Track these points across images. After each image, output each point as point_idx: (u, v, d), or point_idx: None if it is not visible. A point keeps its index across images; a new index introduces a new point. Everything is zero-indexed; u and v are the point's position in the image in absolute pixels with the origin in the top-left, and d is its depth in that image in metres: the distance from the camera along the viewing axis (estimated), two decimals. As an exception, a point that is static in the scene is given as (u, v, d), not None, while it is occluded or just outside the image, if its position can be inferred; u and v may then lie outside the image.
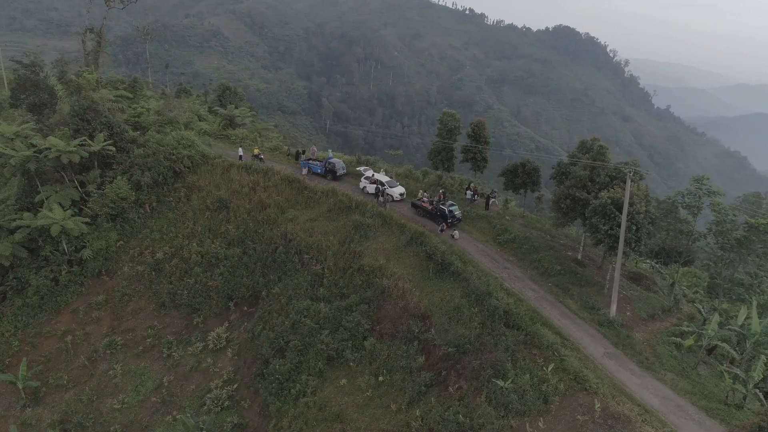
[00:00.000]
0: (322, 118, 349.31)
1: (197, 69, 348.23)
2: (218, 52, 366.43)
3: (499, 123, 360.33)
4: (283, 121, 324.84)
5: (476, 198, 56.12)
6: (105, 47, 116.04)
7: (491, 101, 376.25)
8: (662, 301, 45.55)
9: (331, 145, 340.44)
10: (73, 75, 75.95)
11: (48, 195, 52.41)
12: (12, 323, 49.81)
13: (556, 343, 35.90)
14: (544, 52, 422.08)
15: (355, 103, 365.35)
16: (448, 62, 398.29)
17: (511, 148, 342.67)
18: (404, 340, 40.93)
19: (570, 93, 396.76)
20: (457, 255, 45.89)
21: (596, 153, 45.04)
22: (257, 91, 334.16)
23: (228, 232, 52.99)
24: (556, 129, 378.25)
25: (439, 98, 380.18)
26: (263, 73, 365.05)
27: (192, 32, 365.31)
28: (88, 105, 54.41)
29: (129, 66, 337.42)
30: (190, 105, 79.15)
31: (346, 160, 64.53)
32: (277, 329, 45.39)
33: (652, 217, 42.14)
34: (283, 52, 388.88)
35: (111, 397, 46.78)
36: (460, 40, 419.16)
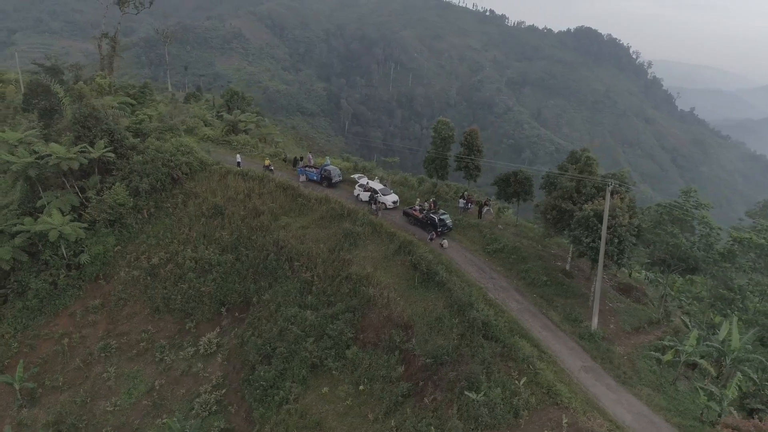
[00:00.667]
0: (340, 119, 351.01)
1: (218, 70, 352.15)
2: (239, 53, 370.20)
3: (519, 125, 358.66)
4: (302, 123, 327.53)
5: (469, 206, 56.17)
6: (119, 52, 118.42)
7: (511, 103, 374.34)
8: (650, 313, 45.13)
9: (350, 146, 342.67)
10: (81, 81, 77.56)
11: (49, 200, 53.81)
12: (12, 325, 51.21)
13: (532, 356, 35.89)
14: (566, 53, 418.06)
15: (374, 105, 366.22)
16: (468, 64, 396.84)
17: (530, 150, 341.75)
18: (386, 349, 41.30)
19: (591, 95, 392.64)
20: (444, 264, 46.05)
21: (583, 164, 44.85)
22: (277, 92, 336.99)
23: (222, 238, 53.86)
24: (577, 131, 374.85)
25: (459, 100, 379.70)
26: (283, 74, 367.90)
27: (213, 34, 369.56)
28: (89, 112, 55.69)
29: (152, 67, 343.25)
30: (196, 110, 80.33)
31: (344, 166, 65.10)
32: (265, 336, 46.09)
33: (636, 230, 41.87)
34: (303, 53, 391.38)
35: (104, 400, 47.91)
36: (480, 41, 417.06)
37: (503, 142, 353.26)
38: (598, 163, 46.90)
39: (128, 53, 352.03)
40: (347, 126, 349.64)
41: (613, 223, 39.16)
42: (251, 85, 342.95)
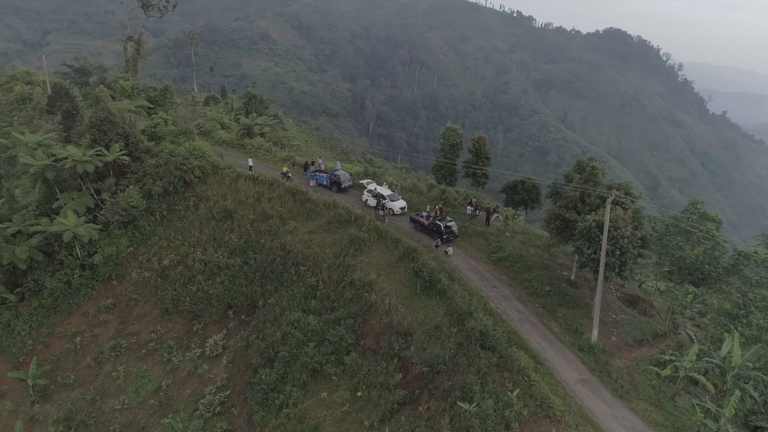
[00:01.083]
0: (365, 120, 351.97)
1: (245, 71, 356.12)
2: (266, 54, 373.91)
3: (545, 128, 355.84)
4: (327, 124, 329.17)
5: (478, 213, 56.07)
6: (144, 54, 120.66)
7: (537, 105, 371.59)
8: (656, 325, 44.63)
9: (374, 147, 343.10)
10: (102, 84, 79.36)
11: (65, 202, 55.22)
12: (27, 323, 52.71)
13: (527, 367, 35.78)
14: (593, 55, 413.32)
15: (399, 106, 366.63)
16: (494, 65, 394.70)
17: (557, 153, 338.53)
18: (385, 356, 41.57)
19: (619, 97, 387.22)
20: (447, 272, 46.10)
21: (588, 174, 44.50)
22: (302, 93, 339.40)
23: (231, 241, 54.71)
24: (604, 134, 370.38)
25: (484, 102, 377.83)
26: (309, 75, 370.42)
27: (241, 35, 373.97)
28: (105, 116, 57.04)
29: (180, 67, 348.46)
30: (213, 113, 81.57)
31: (355, 171, 65.41)
32: (268, 339, 46.74)
33: (640, 242, 41.44)
34: (329, 54, 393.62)
35: (113, 398, 49.05)
36: (507, 43, 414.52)
37: (528, 144, 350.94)
38: (605, 173, 46.53)
39: (157, 53, 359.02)
40: (371, 127, 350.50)
41: (615, 235, 38.81)
42: (277, 86, 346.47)
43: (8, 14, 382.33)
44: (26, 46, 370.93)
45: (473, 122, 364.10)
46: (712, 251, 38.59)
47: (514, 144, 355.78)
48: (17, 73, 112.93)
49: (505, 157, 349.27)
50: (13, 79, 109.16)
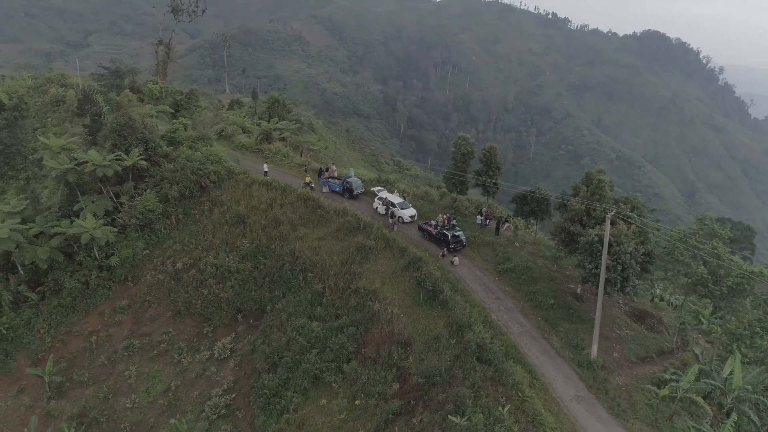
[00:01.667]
0: (396, 122, 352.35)
1: (278, 72, 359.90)
2: (299, 55, 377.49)
3: (578, 131, 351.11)
4: (358, 125, 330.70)
5: (488, 222, 55.88)
6: (174, 57, 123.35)
7: (570, 108, 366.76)
8: (663, 342, 43.89)
9: (404, 149, 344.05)
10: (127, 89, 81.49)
11: (85, 204, 57.01)
12: (47, 321, 54.58)
13: (522, 382, 35.65)
14: (630, 57, 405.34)
15: (430, 108, 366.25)
16: (527, 68, 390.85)
17: (590, 157, 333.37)
18: (384, 365, 41.92)
19: (656, 101, 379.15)
20: (451, 283, 46.15)
21: (594, 187, 44.03)
22: (334, 94, 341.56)
23: (243, 246, 55.69)
24: (639, 138, 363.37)
25: (516, 104, 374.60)
26: (341, 76, 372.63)
27: (275, 36, 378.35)
28: (125, 122, 58.67)
29: (215, 68, 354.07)
30: (235, 118, 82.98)
31: (369, 178, 65.85)
32: (273, 344, 47.51)
33: (646, 257, 40.88)
34: (362, 56, 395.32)
35: (125, 397, 50.53)
36: (541, 45, 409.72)
37: (561, 148, 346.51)
38: (613, 186, 45.91)
39: (193, 54, 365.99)
40: (402, 129, 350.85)
41: (617, 250, 38.40)
42: (309, 87, 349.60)
43: (52, 16, 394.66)
44: (68, 46, 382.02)
45: (505, 125, 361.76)
46: (717, 269, 37.80)
47: (546, 147, 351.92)
48: (53, 76, 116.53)
49: (537, 161, 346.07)
50: (49, 81, 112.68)
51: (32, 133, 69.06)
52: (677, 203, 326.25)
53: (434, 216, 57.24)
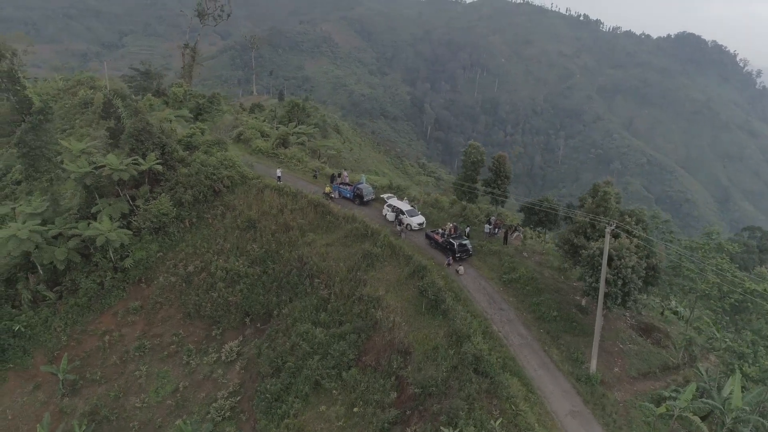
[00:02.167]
0: (423, 124, 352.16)
1: (307, 73, 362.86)
2: (328, 57, 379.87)
3: (608, 134, 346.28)
4: (385, 127, 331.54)
5: (497, 231, 55.70)
6: (199, 61, 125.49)
7: (601, 111, 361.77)
8: (668, 357, 43.23)
9: (431, 151, 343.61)
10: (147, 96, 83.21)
11: (103, 207, 58.53)
12: (63, 320, 56.19)
13: (516, 396, 35.58)
14: (664, 60, 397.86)
15: (458, 110, 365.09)
16: (557, 70, 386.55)
17: (620, 162, 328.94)
18: (383, 373, 42.16)
19: (690, 105, 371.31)
20: (454, 292, 46.20)
21: (600, 199, 43.58)
22: (362, 96, 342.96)
23: (253, 251, 56.53)
24: (671, 143, 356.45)
25: (546, 107, 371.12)
26: (369, 78, 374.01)
27: (304, 38, 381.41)
28: (143, 127, 60.05)
29: (245, 69, 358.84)
30: (254, 122, 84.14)
31: (381, 184, 66.16)
32: (278, 349, 48.19)
33: (651, 271, 40.35)
34: (390, 58, 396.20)
35: (134, 396, 51.73)
36: (572, 47, 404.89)
37: (591, 151, 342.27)
38: (620, 198, 45.34)
39: (224, 56, 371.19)
40: (429, 131, 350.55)
41: (618, 264, 38.02)
42: (337, 89, 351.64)
43: (89, 17, 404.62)
44: (104, 47, 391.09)
45: (533, 128, 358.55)
46: (721, 286, 37.15)
47: (575, 151, 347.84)
48: (83, 78, 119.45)
49: (566, 165, 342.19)
50: (79, 83, 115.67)
51: (56, 136, 70.96)
52: (710, 209, 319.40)
53: (443, 224, 57.31)
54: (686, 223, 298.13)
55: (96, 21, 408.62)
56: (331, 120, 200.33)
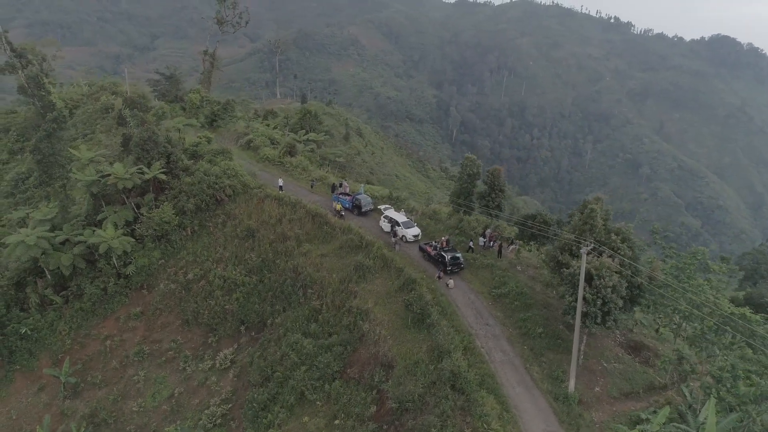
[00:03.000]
0: (448, 126, 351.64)
1: (333, 76, 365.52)
2: (354, 59, 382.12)
3: (638, 139, 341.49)
4: (410, 129, 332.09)
5: (492, 244, 55.59)
6: (220, 66, 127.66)
7: (631, 115, 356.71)
8: (654, 377, 42.70)
9: (456, 154, 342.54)
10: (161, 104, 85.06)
11: (108, 214, 60.24)
12: (68, 324, 58.07)
13: (489, 414, 35.61)
14: (697, 63, 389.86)
15: (484, 113, 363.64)
16: (587, 73, 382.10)
17: (650, 167, 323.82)
18: (366, 386, 42.64)
19: (723, 108, 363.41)
20: (442, 306, 46.33)
21: (586, 216, 43.27)
22: (388, 98, 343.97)
23: (250, 259, 57.55)
24: (704, 148, 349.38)
25: (574, 110, 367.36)
26: (395, 81, 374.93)
27: (331, 41, 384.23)
28: (148, 137, 61.62)
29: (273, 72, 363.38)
30: (264, 129, 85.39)
31: (381, 194, 66.57)
32: (269, 358, 49.07)
33: (636, 290, 40.03)
34: (417, 60, 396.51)
35: (132, 400, 53.23)
36: (602, 50, 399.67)
37: (619, 156, 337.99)
38: (609, 215, 44.87)
39: (253, 58, 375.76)
40: (455, 134, 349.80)
41: (598, 284, 37.80)
42: (363, 91, 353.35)
43: (122, 21, 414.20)
44: (136, 50, 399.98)
45: (561, 131, 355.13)
46: (702, 308, 36.65)
47: (603, 155, 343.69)
48: (106, 83, 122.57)
49: (594, 169, 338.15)
50: (102, 89, 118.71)
51: (68, 144, 73.21)
52: (742, 216, 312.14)
53: (439, 235, 57.48)
54: (718, 230, 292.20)
55: (129, 24, 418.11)
56: (353, 123, 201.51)
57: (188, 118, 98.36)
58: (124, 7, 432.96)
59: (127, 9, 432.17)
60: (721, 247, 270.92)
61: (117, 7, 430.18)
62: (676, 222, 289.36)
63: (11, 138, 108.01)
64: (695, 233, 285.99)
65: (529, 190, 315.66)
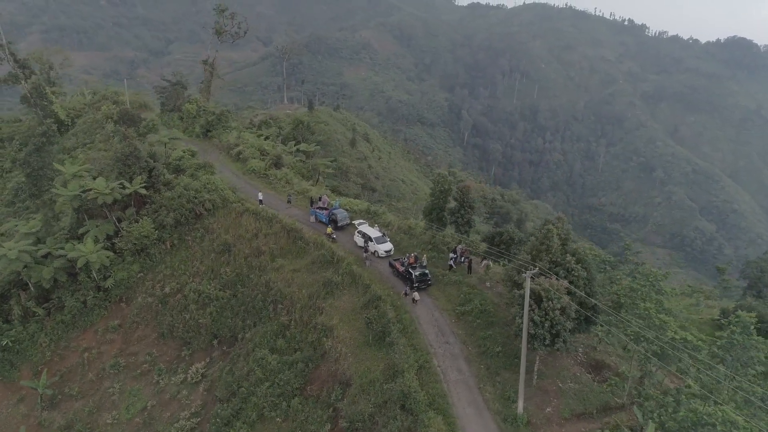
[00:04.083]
0: (460, 130, 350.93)
1: (345, 80, 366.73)
2: (366, 63, 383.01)
3: (651, 142, 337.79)
4: (421, 133, 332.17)
5: (463, 260, 55.81)
6: (218, 76, 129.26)
7: (644, 118, 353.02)
8: (610, 397, 42.66)
9: (468, 158, 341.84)
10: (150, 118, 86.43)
11: (89, 229, 61.52)
12: (49, 336, 59.46)
13: (434, 436, 35.97)
14: (712, 65, 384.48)
15: (496, 117, 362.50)
16: (600, 76, 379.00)
17: (663, 170, 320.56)
18: (323, 404, 43.25)
19: (739, 111, 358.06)
20: (404, 324, 46.64)
21: (542, 237, 43.41)
22: (399, 102, 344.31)
23: (225, 274, 58.46)
24: (718, 151, 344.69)
25: (586, 113, 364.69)
26: (407, 84, 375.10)
27: (343, 45, 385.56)
28: (130, 152, 62.83)
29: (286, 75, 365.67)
30: (254, 140, 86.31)
31: (360, 208, 67.04)
32: (236, 374, 49.86)
33: (590, 311, 40.13)
34: (429, 64, 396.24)
35: (107, 412, 54.36)
36: (615, 52, 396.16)
37: (632, 159, 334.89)
38: (567, 236, 44.86)
39: (265, 62, 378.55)
40: (466, 137, 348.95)
41: (546, 306, 37.97)
42: (375, 95, 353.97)
43: (137, 26, 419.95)
44: (151, 54, 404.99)
45: (573, 134, 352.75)
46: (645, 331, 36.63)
47: (616, 159, 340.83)
48: (108, 93, 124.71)
49: (607, 173, 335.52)
50: (104, 98, 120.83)
51: (57, 157, 74.82)
52: (758, 220, 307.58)
53: (412, 251, 57.79)
54: (733, 235, 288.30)
55: (144, 29, 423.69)
56: (361, 128, 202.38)
57: (185, 128, 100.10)
58: (140, 12, 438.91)
59: (142, 14, 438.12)
60: (737, 252, 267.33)
61: (132, 12, 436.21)
62: (690, 226, 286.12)
63: (15, 147, 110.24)
64: (710, 237, 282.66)
65: (541, 193, 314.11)
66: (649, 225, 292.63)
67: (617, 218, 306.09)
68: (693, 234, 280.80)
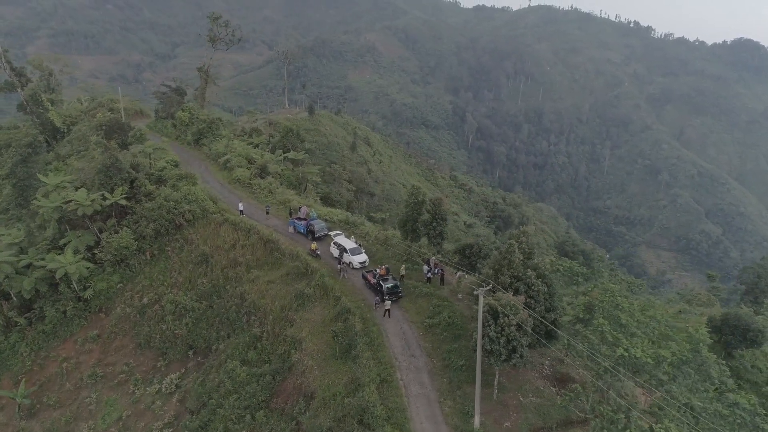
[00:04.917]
0: (464, 133, 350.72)
1: (350, 83, 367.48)
2: (371, 66, 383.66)
3: (657, 145, 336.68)
4: (426, 136, 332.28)
5: (437, 272, 56.01)
6: (211, 84, 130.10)
7: (650, 121, 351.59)
8: (573, 411, 42.70)
9: (472, 160, 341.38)
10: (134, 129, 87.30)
11: (70, 239, 62.32)
12: (29, 345, 60.33)
13: (386, 452, 36.26)
14: (719, 67, 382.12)
15: (501, 119, 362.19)
16: (605, 78, 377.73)
17: (669, 173, 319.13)
18: (287, 417, 43.59)
19: (746, 114, 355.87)
20: (371, 337, 46.90)
21: (504, 251, 43.60)
22: (403, 105, 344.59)
23: (202, 285, 59.04)
24: (725, 154, 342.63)
25: (591, 116, 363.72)
26: (412, 87, 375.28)
27: (348, 48, 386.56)
28: (111, 163, 63.63)
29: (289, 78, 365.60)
30: (242, 149, 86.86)
31: (339, 218, 67.42)
32: (207, 385, 50.37)
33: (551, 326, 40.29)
34: (434, 66, 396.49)
35: (84, 422, 54.99)
36: (621, 54, 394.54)
37: (638, 162, 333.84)
38: (530, 250, 44.99)
39: (270, 66, 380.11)
40: (471, 140, 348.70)
41: (502, 322, 38.16)
42: (379, 98, 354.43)
43: (144, 29, 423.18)
44: (157, 58, 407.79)
45: (578, 137, 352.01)
46: (598, 348, 36.78)
47: (621, 161, 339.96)
48: (104, 100, 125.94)
49: (612, 175, 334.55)
50: (100, 105, 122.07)
51: (42, 168, 75.78)
52: (765, 223, 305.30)
53: (388, 261, 58.06)
54: (739, 238, 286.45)
55: (151, 33, 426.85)
56: (362, 132, 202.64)
57: (177, 136, 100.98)
58: (147, 16, 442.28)
59: (149, 18, 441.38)
60: (743, 255, 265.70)
61: (139, 16, 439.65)
62: (696, 229, 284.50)
63: (10, 154, 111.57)
64: (716, 240, 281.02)
65: (545, 196, 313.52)
66: (655, 228, 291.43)
67: (622, 221, 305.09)
68: (699, 237, 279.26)
